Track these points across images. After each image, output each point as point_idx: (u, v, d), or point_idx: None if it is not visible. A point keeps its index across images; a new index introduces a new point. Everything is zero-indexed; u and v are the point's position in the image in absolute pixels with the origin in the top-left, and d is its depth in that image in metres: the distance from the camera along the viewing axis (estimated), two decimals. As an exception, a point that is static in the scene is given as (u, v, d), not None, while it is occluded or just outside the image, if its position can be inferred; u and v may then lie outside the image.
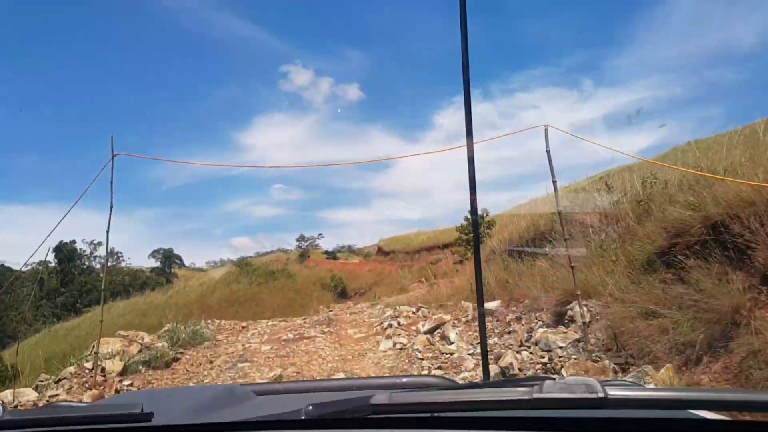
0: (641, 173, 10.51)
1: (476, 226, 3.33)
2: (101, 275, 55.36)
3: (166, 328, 10.86)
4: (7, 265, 56.05)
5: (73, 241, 54.36)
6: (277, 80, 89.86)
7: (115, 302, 41.23)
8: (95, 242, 54.91)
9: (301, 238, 50.90)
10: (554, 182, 6.63)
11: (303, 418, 1.04)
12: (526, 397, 0.88)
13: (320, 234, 52.36)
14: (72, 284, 51.37)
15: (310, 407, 1.04)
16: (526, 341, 7.57)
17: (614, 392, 0.85)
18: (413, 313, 10.82)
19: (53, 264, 53.77)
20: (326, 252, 51.21)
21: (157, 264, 62.70)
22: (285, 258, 50.89)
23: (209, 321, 13.02)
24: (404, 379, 1.73)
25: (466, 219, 18.02)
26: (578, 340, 7.03)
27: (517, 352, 7.30)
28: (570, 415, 0.97)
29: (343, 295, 38.65)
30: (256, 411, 1.23)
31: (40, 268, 56.84)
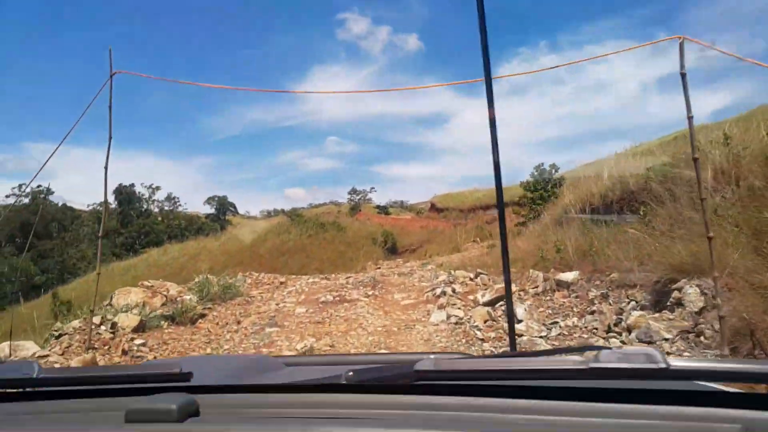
0: (715, 134, 8.57)
1: (500, 197, 3.21)
2: (159, 218, 56.14)
3: (196, 280, 9.82)
4: (69, 204, 57.99)
5: (132, 185, 55.36)
6: (334, 29, 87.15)
7: (171, 245, 41.90)
8: (153, 186, 55.82)
9: (353, 191, 49.71)
10: (690, 118, 4.91)
11: (344, 382, 1.00)
12: (582, 367, 0.85)
13: (372, 188, 50.80)
14: (131, 226, 52.52)
15: (350, 373, 1.01)
16: (615, 325, 6.04)
17: (677, 363, 0.82)
18: (471, 279, 9.37)
19: (113, 205, 55.12)
20: (378, 206, 50.04)
21: (212, 210, 63.56)
22: (336, 210, 50.31)
23: (247, 273, 12.01)
24: (431, 356, 1.39)
25: (533, 175, 16.21)
26: (688, 331, 5.45)
27: (604, 338, 5.80)
28: (625, 386, 0.90)
29: (392, 251, 37.71)
30: (288, 379, 1.22)
31: (100, 208, 58.73)
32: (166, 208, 56.84)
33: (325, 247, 38.74)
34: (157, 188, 55.73)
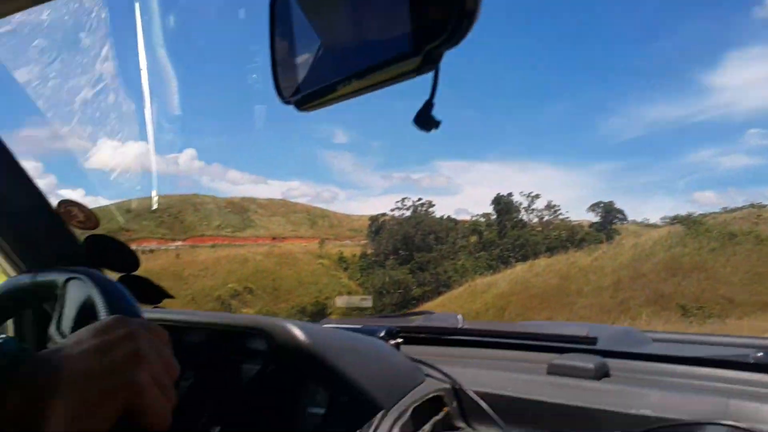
0: None
1: None
2: (536, 229, 52.36)
3: None
4: (452, 216, 59.80)
5: (510, 194, 54.05)
6: (750, 6, 68.72)
7: (540, 260, 37.98)
8: (532, 195, 53.54)
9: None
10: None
11: (751, 361, 1.01)
12: None
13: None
14: (506, 237, 50.90)
15: (760, 354, 1.01)
16: None
17: None
18: None
19: (494, 216, 54.76)
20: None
21: (597, 219, 57.88)
22: (755, 215, 38.01)
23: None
24: None
25: None
26: None
27: None
28: None
29: None
30: (662, 353, 1.18)
31: (482, 219, 58.73)
32: (546, 217, 53.79)
33: (737, 265, 28.62)
34: (537, 197, 53.32)
